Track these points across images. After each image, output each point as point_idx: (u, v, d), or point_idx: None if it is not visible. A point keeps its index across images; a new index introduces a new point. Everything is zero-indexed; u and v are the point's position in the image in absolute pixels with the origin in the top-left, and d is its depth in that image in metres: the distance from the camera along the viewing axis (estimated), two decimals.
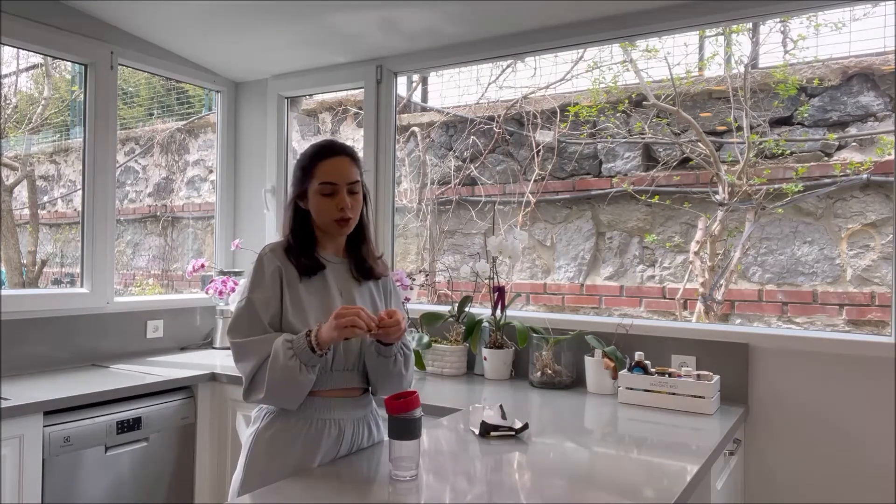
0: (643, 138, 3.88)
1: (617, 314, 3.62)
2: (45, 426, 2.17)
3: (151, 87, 5.92)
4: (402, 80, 4.09)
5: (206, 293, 3.22)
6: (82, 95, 2.96)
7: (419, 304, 3.14)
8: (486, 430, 1.75)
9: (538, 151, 4.13)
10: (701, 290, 3.62)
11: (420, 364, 2.69)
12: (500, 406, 1.85)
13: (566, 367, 2.46)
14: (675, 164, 3.78)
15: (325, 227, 1.65)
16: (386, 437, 1.51)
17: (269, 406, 1.62)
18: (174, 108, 5.90)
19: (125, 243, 5.76)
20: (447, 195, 4.41)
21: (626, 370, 2.23)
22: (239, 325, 1.58)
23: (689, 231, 3.74)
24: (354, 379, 1.66)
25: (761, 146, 3.56)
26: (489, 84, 4.38)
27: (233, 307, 1.62)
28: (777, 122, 3.59)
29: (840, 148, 3.43)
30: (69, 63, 4.76)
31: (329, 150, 1.64)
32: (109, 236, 2.95)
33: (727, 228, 3.66)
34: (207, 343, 3.30)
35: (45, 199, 6.06)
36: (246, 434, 1.65)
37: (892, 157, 3.21)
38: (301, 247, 1.64)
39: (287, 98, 3.50)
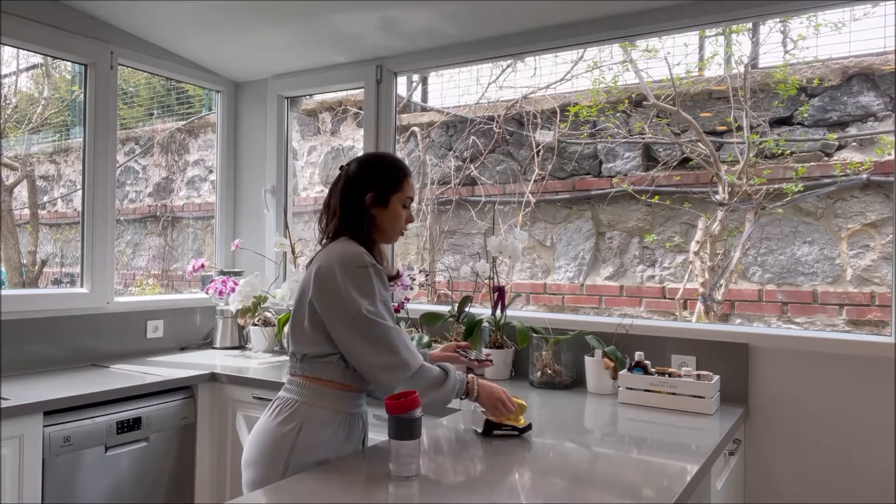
0: (643, 138, 3.88)
1: (617, 314, 3.62)
2: (45, 426, 2.17)
3: (151, 87, 5.92)
4: (402, 80, 4.09)
5: (206, 293, 3.22)
6: (82, 95, 2.96)
7: (419, 304, 3.14)
8: (490, 428, 1.75)
9: (538, 151, 4.13)
10: (701, 290, 3.62)
11: None
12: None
13: (566, 367, 2.46)
14: (675, 164, 3.78)
15: (390, 235, 1.76)
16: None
17: (307, 399, 1.63)
18: (174, 108, 5.90)
19: (125, 243, 5.76)
20: (447, 195, 4.41)
21: (626, 370, 2.23)
22: (390, 320, 1.63)
23: (689, 231, 3.74)
24: None
25: (761, 146, 3.56)
26: (489, 84, 4.39)
27: (352, 307, 1.61)
28: (777, 122, 3.59)
29: (840, 148, 3.43)
30: (69, 63, 4.76)
31: (408, 169, 1.80)
32: (109, 236, 2.95)
33: (727, 228, 3.66)
34: (207, 343, 3.30)
35: (45, 199, 6.06)
36: (276, 429, 1.61)
37: (892, 157, 3.21)
38: (370, 250, 1.70)
39: (287, 98, 3.50)
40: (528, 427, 1.78)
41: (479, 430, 1.77)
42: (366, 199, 1.69)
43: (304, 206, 4.70)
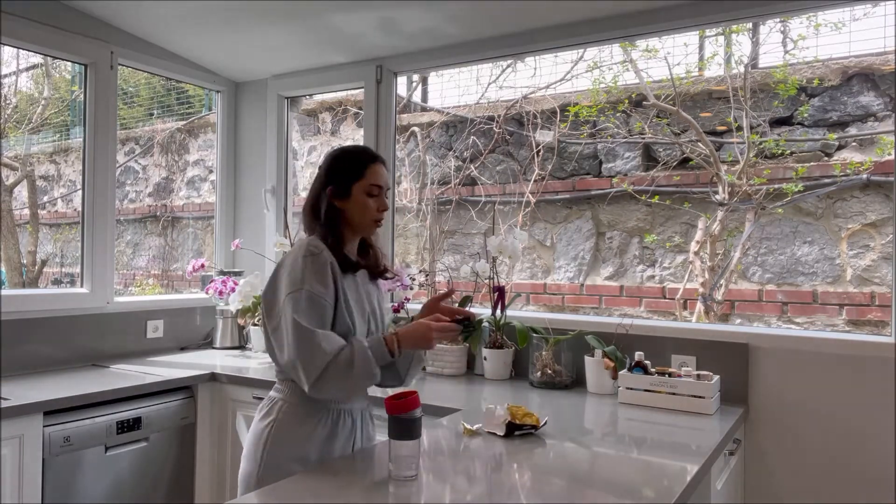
0: (643, 138, 3.88)
1: (617, 314, 3.62)
2: (45, 426, 2.17)
3: (151, 87, 5.92)
4: (402, 80, 4.09)
5: (206, 293, 3.22)
6: (82, 95, 2.96)
7: (419, 304, 3.13)
8: (512, 430, 1.76)
9: (538, 151, 4.13)
10: (701, 290, 3.62)
11: None
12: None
13: (566, 367, 2.45)
14: (675, 164, 3.78)
15: (362, 225, 1.71)
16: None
17: (286, 397, 1.64)
18: (174, 108, 5.90)
19: (125, 243, 5.76)
20: (447, 195, 4.41)
21: (626, 370, 2.23)
22: (308, 313, 1.54)
23: (689, 231, 3.74)
24: None
25: (761, 146, 3.56)
26: (489, 84, 4.38)
27: (282, 295, 1.57)
28: (777, 122, 3.59)
29: (840, 148, 3.43)
30: (69, 63, 4.76)
31: (376, 156, 1.74)
32: (109, 236, 2.95)
33: (727, 228, 3.66)
34: (207, 343, 3.30)
35: (45, 199, 6.06)
36: (257, 425, 1.65)
37: (892, 157, 3.21)
38: (337, 243, 1.67)
39: (287, 98, 3.50)
40: (545, 423, 1.81)
41: (501, 433, 1.76)
42: (327, 192, 1.68)
43: None
